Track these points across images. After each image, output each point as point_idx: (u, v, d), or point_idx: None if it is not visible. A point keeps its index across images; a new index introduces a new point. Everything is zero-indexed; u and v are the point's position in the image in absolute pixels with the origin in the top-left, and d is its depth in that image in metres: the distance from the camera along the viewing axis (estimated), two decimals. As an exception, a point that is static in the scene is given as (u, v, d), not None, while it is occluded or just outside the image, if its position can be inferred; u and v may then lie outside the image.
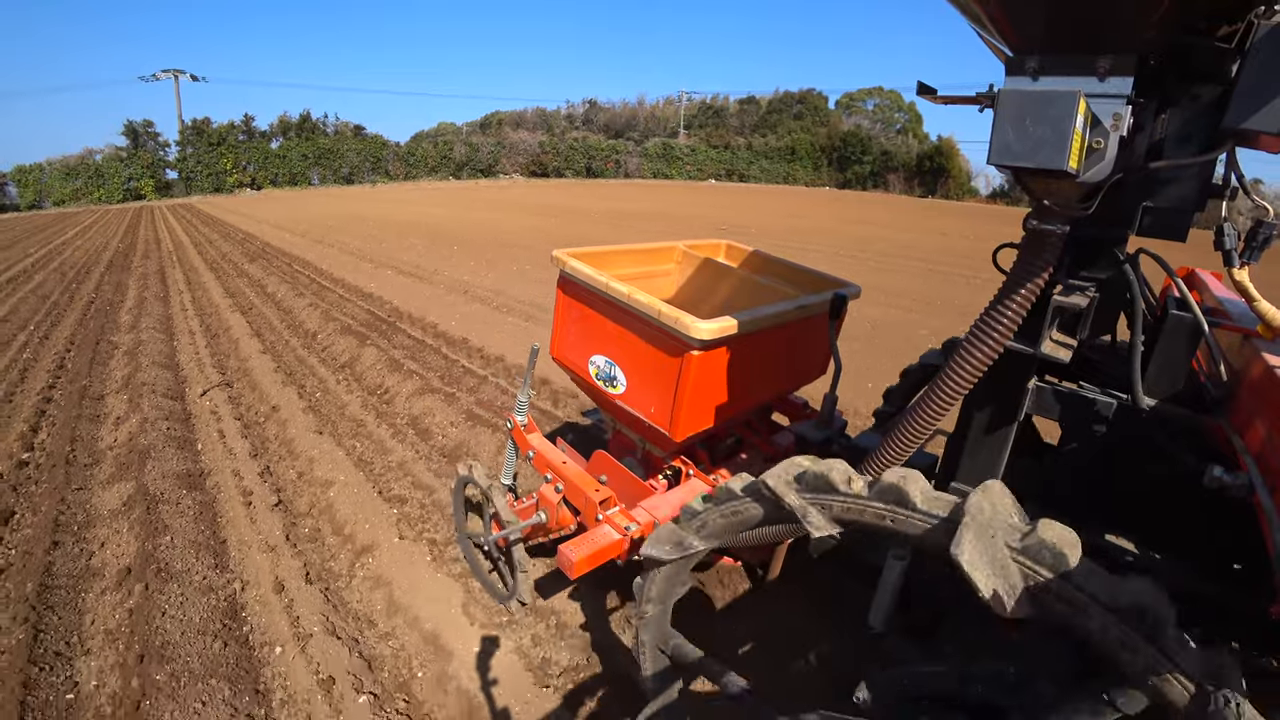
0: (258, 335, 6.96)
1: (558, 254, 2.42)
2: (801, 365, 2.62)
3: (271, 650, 2.46)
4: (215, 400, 5.09)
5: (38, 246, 16.90)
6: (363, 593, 2.80)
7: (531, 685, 2.29)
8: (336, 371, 5.68)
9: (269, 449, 4.21)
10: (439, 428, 4.33)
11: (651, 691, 1.76)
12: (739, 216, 21.96)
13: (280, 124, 49.32)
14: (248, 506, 3.49)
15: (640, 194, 33.43)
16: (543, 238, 15.14)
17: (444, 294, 8.78)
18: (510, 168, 56.68)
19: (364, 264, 11.40)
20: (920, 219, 24.88)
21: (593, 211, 22.75)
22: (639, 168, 56.67)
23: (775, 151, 55.97)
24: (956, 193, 48.33)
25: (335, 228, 17.58)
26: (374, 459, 3.98)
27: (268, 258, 12.52)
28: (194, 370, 5.86)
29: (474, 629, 2.56)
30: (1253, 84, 1.03)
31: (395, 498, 3.52)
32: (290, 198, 35.35)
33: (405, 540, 3.14)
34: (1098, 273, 1.51)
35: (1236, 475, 1.17)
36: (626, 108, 64.57)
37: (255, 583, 2.86)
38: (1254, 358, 1.35)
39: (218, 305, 8.63)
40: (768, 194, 38.89)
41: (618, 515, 2.15)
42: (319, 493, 3.61)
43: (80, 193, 38.82)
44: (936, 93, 1.40)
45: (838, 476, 1.30)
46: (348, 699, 2.24)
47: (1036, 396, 1.62)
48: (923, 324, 7.52)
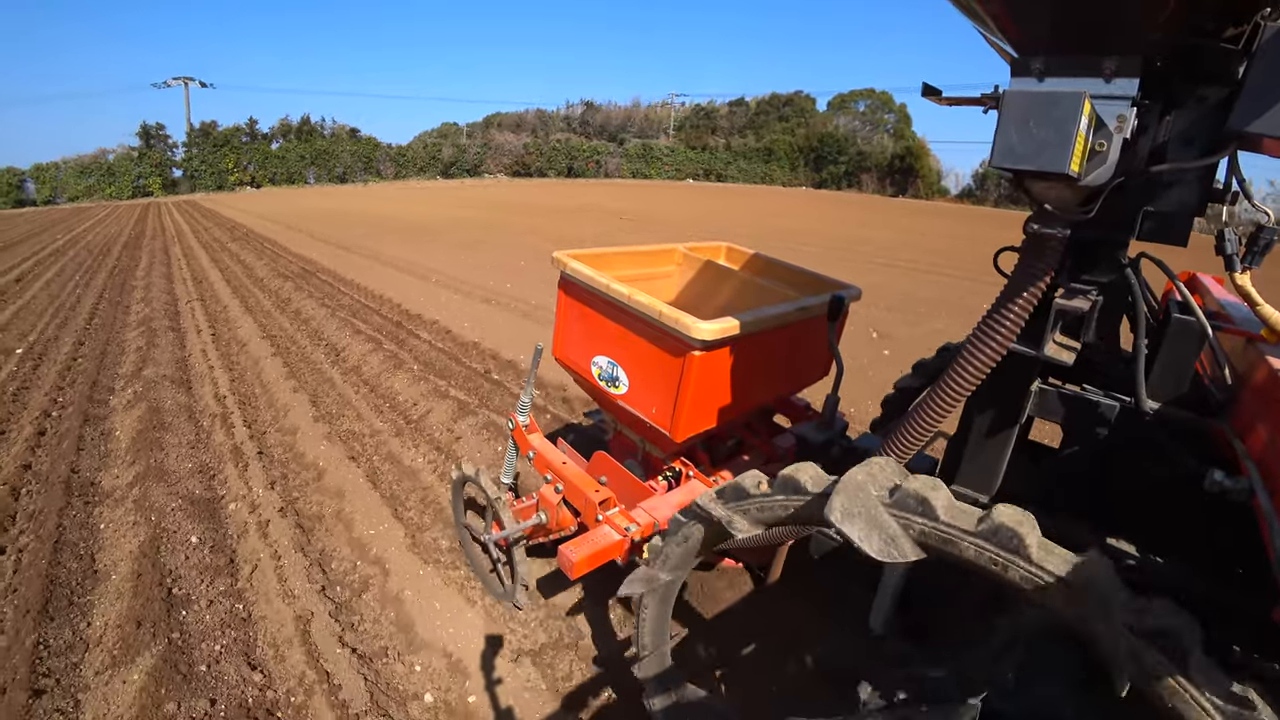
0: (226, 281, 10.57)
1: (558, 255, 2.42)
2: (803, 367, 2.64)
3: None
4: (194, 307, 8.70)
5: (62, 234, 20.47)
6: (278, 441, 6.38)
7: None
8: (270, 296, 9.28)
9: (219, 331, 7.78)
10: (311, 312, 7.93)
11: (646, 650, 1.79)
12: (714, 219, 22.12)
13: (281, 127, 52.81)
14: (198, 335, 7.10)
15: (618, 193, 36.30)
16: (466, 224, 18.71)
17: (358, 259, 12.39)
18: (495, 168, 59.08)
19: (315, 242, 15.03)
20: (895, 218, 26.60)
21: (544, 207, 26.28)
22: (619, 168, 58.39)
23: (753, 152, 57.97)
24: (926, 192, 50.16)
25: (309, 219, 21.18)
26: (280, 335, 7.57)
27: (247, 240, 16.16)
28: (183, 296, 9.48)
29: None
30: (1259, 86, 1.02)
31: (272, 335, 7.09)
32: (284, 195, 39.00)
33: (320, 424, 6.70)
34: (1099, 276, 1.50)
35: (1238, 479, 1.17)
36: (620, 110, 65.91)
37: (206, 398, 6.44)
38: (1258, 361, 1.35)
39: (204, 266, 12.26)
40: (745, 194, 40.90)
41: (618, 516, 2.15)
42: (239, 353, 7.20)
43: (93, 189, 42.39)
44: (942, 94, 1.42)
45: (748, 482, 1.41)
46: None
47: (1039, 399, 1.62)
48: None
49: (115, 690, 2.29)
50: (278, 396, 5.25)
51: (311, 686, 2.34)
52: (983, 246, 16.54)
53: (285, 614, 2.72)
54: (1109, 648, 0.93)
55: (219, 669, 2.39)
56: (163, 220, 23.82)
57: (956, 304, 9.01)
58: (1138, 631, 0.92)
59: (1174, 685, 0.88)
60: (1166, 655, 0.89)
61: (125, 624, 2.58)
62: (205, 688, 2.30)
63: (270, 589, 2.88)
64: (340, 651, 2.51)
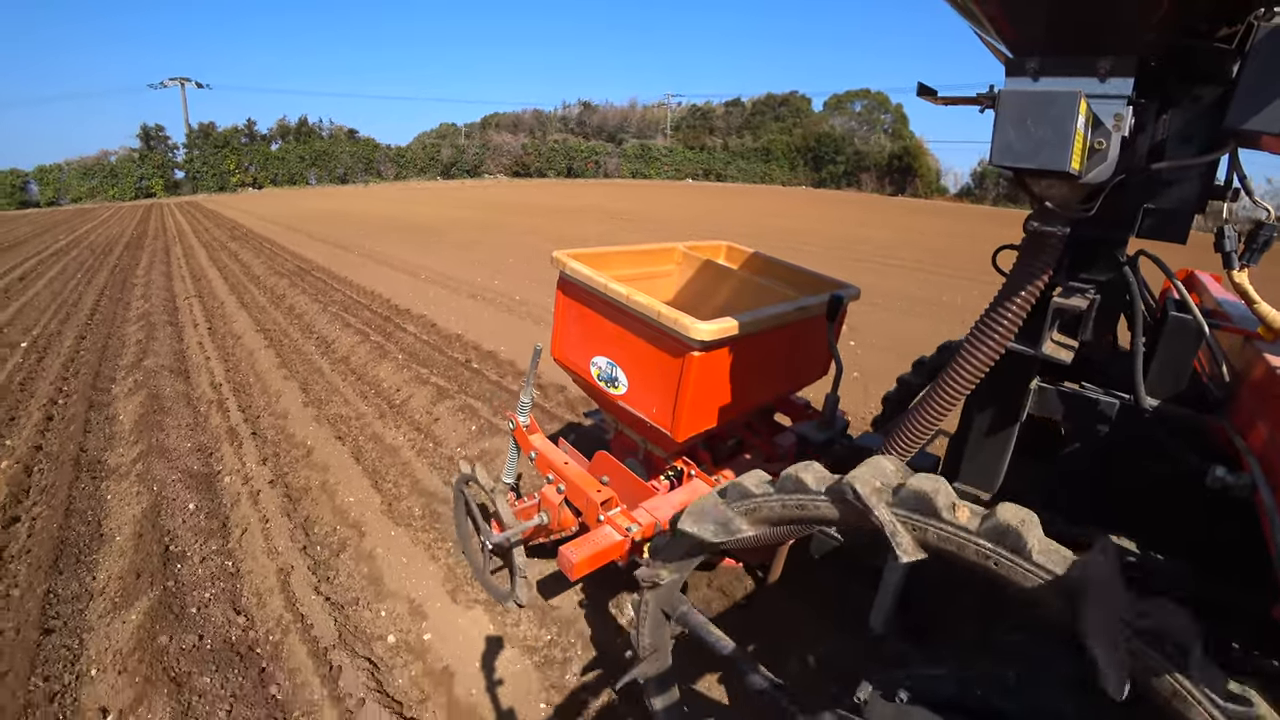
0: (224, 279, 10.89)
1: (558, 255, 2.41)
2: (803, 366, 2.64)
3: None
4: (192, 303, 9.02)
5: (65, 234, 20.82)
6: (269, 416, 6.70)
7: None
8: (266, 294, 9.60)
9: (215, 325, 8.11)
10: (304, 307, 8.25)
11: (646, 653, 1.77)
12: (713, 218, 22.15)
13: (279, 128, 53.24)
14: (195, 329, 7.43)
15: (618, 193, 36.63)
16: (462, 224, 19.03)
17: (353, 257, 12.72)
18: (495, 168, 59.26)
19: (313, 242, 15.36)
20: (894, 217, 26.89)
21: (543, 207, 26.61)
22: (618, 168, 58.53)
23: (751, 152, 58.17)
24: (925, 191, 50.53)
25: (309, 219, 21.52)
26: (274, 329, 7.89)
27: (247, 239, 16.50)
28: (181, 293, 9.80)
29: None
30: (1253, 84, 1.03)
31: (266, 329, 7.41)
32: (286, 196, 39.36)
33: (309, 408, 7.03)
34: (1098, 274, 1.51)
35: (1239, 475, 1.17)
36: (617, 111, 66.37)
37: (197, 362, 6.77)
38: (1256, 359, 1.36)
39: (202, 264, 12.59)
40: (745, 193, 41.29)
41: (619, 516, 2.15)
42: (234, 345, 7.52)
43: (96, 190, 42.63)
44: (937, 94, 1.42)
45: (751, 482, 1.41)
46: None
47: (1038, 397, 1.63)
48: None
49: (115, 629, 2.61)
50: (270, 384, 5.57)
51: (288, 627, 2.66)
52: (982, 244, 16.83)
53: (269, 568, 3.04)
54: (1105, 650, 0.91)
55: (207, 612, 2.71)
56: (165, 221, 24.17)
57: (962, 307, 9.00)
58: (1138, 631, 0.91)
59: (1174, 685, 0.87)
60: (1166, 656, 0.88)
61: (126, 575, 2.90)
62: (194, 626, 2.62)
63: (257, 548, 3.20)
64: (315, 599, 2.82)
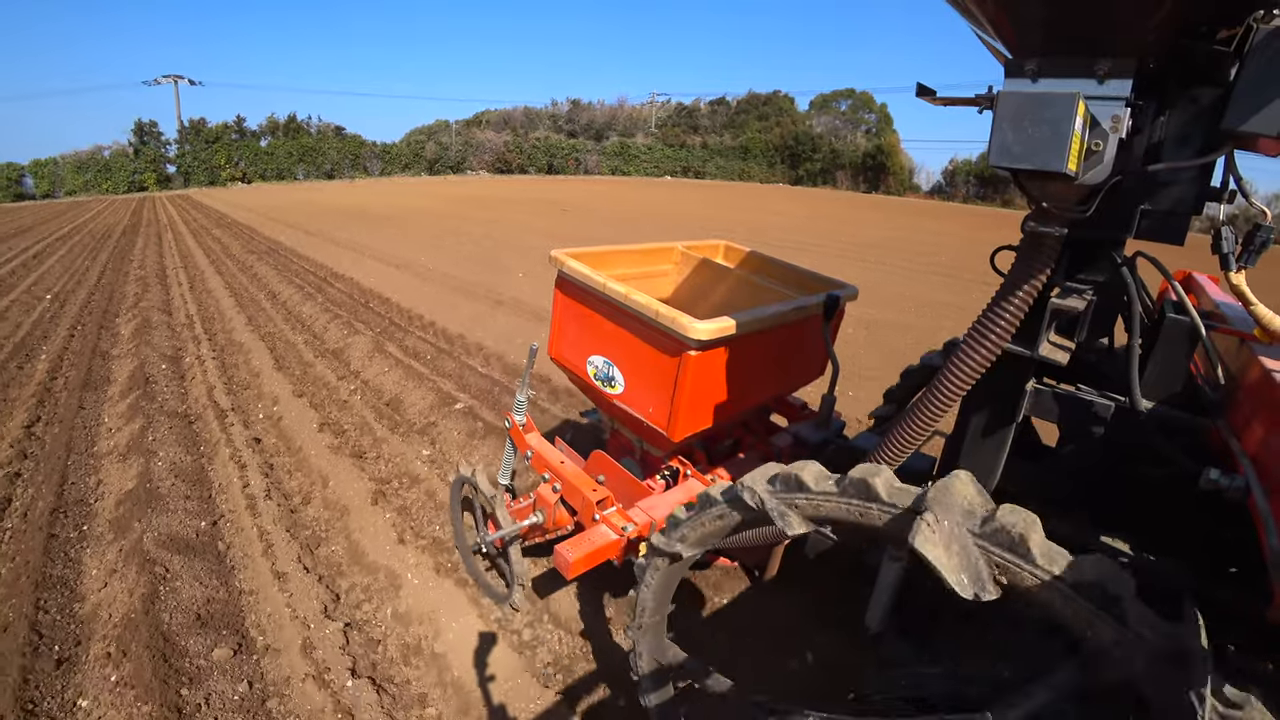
0: (206, 256, 13.19)
1: (556, 254, 2.40)
2: (800, 366, 2.66)
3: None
4: (179, 272, 11.30)
5: (65, 224, 22.92)
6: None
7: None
8: (237, 265, 11.88)
9: (195, 284, 10.37)
10: (265, 275, 10.55)
11: (646, 693, 1.78)
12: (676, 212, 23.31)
13: (269, 124, 54.61)
14: (179, 287, 9.74)
15: (582, 189, 38.31)
16: (420, 213, 21.30)
17: (316, 240, 15.03)
18: (477, 165, 60.66)
19: (287, 228, 17.66)
20: (872, 214, 27.77)
21: (501, 199, 28.79)
22: (598, 165, 59.90)
23: (730, 150, 59.51)
24: (898, 189, 52.14)
25: (289, 210, 23.70)
26: (238, 287, 10.17)
27: (230, 227, 18.80)
28: (170, 265, 12.09)
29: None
30: (1251, 86, 1.03)
31: (232, 287, 9.70)
32: (273, 190, 41.05)
33: (249, 327, 9.33)
34: (1095, 275, 1.51)
35: (1233, 478, 1.17)
36: (606, 109, 67.58)
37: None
38: (1251, 361, 1.35)
39: (190, 248, 14.87)
40: (722, 190, 42.53)
41: (615, 515, 2.16)
42: (206, 297, 9.82)
43: (90, 184, 44.30)
44: (935, 94, 1.42)
45: (809, 476, 1.31)
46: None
47: (1034, 398, 1.62)
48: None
49: (117, 425, 4.93)
50: (228, 317, 7.94)
51: (206, 407, 4.98)
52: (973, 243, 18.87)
53: (203, 389, 5.36)
54: (1120, 659, 0.91)
55: (168, 401, 5.03)
56: (157, 212, 26.31)
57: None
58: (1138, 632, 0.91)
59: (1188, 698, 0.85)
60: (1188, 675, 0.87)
61: (126, 393, 5.22)
62: (163, 412, 4.95)
63: (200, 381, 5.53)
64: (227, 400, 5.15)
